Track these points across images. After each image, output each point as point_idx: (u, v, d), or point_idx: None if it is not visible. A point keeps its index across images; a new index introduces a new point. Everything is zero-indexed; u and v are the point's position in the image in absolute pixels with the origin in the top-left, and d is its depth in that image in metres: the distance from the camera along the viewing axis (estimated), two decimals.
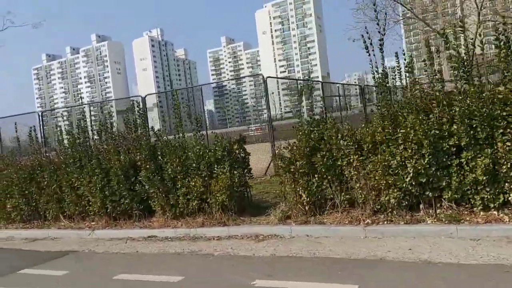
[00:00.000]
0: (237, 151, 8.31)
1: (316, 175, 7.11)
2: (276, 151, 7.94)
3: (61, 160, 10.06)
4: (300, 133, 7.42)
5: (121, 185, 8.85)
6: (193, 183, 8.08)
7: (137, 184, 8.80)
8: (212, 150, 8.18)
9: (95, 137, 10.12)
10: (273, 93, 16.91)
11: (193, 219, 8.14)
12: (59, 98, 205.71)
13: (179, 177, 8.30)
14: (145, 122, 9.90)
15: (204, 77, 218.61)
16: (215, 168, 8.06)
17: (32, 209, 10.41)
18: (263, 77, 13.85)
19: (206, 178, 8.03)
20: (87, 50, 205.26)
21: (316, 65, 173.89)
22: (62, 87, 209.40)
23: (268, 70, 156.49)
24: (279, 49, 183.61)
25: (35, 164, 10.52)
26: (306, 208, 7.18)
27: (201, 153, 8.21)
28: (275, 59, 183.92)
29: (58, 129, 10.61)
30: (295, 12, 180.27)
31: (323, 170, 7.04)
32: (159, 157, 8.64)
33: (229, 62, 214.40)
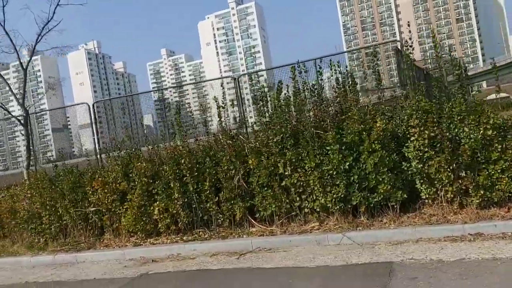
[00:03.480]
0: None
1: None
2: None
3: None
4: None
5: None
6: None
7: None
8: None
9: None
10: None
11: None
12: None
13: None
14: None
15: (145, 90, 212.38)
16: None
17: (192, 214, 7.58)
18: (234, 78, 11.77)
19: None
20: (17, 65, 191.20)
21: (262, 75, 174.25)
22: None
23: (213, 81, 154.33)
24: (225, 60, 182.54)
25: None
26: None
27: None
28: (220, 70, 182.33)
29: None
30: (238, 24, 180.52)
31: None
32: None
33: (171, 74, 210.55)
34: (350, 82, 7.20)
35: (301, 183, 6.64)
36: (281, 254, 6.10)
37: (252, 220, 7.19)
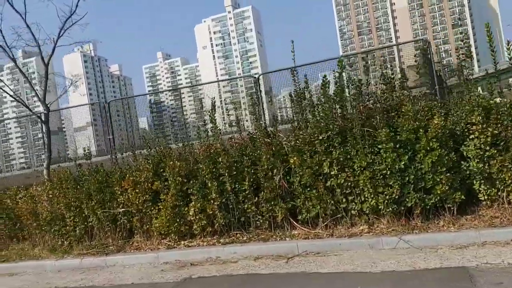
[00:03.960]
0: None
1: None
2: None
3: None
4: None
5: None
6: None
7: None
8: None
9: None
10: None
11: None
12: None
13: None
14: None
15: (141, 93, 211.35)
16: None
17: (229, 215, 7.25)
18: (255, 77, 11.46)
19: None
20: (12, 67, 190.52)
21: (259, 79, 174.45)
22: None
23: (209, 84, 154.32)
24: (221, 64, 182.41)
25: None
26: None
27: None
28: (217, 73, 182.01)
29: None
30: (235, 27, 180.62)
31: None
32: None
33: (166, 78, 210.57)
34: (399, 78, 6.93)
35: (349, 184, 6.34)
36: (333, 258, 5.79)
37: (294, 222, 6.87)
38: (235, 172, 7.02)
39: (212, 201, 7.14)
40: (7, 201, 9.06)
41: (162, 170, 7.80)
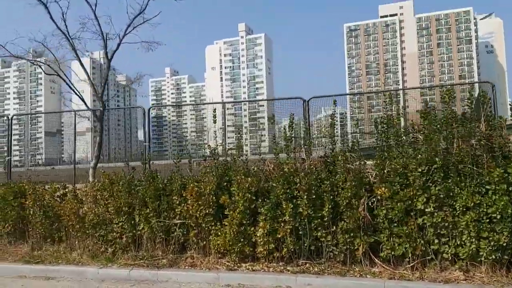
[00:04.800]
0: None
1: None
2: None
3: None
4: None
5: None
6: None
7: None
8: None
9: None
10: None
11: None
12: None
13: None
14: None
15: (143, 105, 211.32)
16: None
17: (300, 242, 6.71)
18: (304, 100, 11.10)
19: None
20: (20, 64, 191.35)
21: (262, 105, 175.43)
22: None
23: (214, 105, 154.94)
24: (227, 86, 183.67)
25: None
26: None
27: None
28: (222, 95, 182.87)
29: None
30: (246, 52, 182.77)
31: None
32: None
33: (172, 93, 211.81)
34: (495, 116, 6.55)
35: (446, 224, 5.84)
36: None
37: (375, 259, 6.33)
38: (314, 196, 6.51)
39: (283, 224, 6.61)
40: (46, 197, 8.46)
41: (225, 183, 7.30)
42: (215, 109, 9.72)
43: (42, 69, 9.22)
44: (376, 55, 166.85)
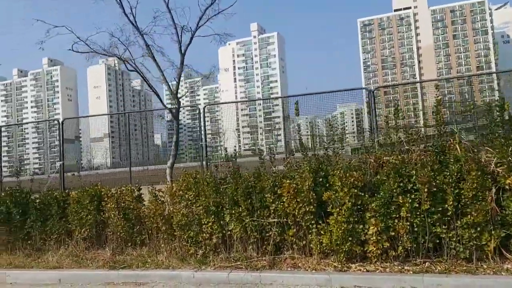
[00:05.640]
0: None
1: None
2: None
3: None
4: None
5: None
6: None
7: None
8: None
9: None
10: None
11: None
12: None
13: None
14: None
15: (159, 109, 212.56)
16: None
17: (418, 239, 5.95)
18: (370, 91, 10.76)
19: None
20: (36, 73, 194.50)
21: (277, 105, 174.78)
22: (5, 111, 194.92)
23: (228, 106, 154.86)
24: (241, 87, 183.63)
25: None
26: None
27: None
28: (236, 96, 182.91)
29: None
30: (259, 52, 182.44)
31: None
32: None
33: (186, 96, 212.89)
34: None
35: None
36: None
37: (507, 254, 5.79)
38: (435, 189, 6.00)
39: (397, 221, 6.12)
40: (126, 199, 8.10)
41: (321, 179, 6.84)
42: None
43: (126, 66, 8.86)
44: (392, 49, 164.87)
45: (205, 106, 12.89)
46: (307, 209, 6.59)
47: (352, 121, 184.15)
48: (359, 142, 12.81)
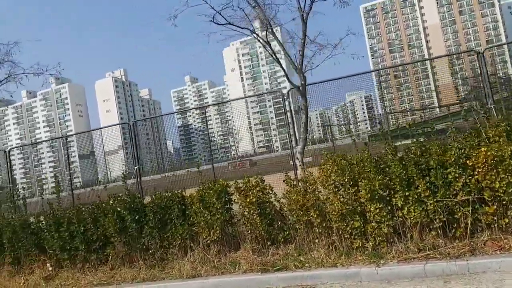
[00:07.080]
0: None
1: None
2: None
3: None
4: None
5: None
6: None
7: None
8: None
9: None
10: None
11: None
12: (14, 144, 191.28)
13: None
14: None
15: (169, 116, 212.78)
16: None
17: None
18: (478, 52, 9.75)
19: None
20: (45, 93, 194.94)
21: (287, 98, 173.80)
22: (18, 133, 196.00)
23: (238, 105, 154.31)
24: (249, 85, 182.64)
25: None
26: None
27: None
28: (245, 94, 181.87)
29: None
30: (264, 49, 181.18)
31: None
32: None
33: (194, 100, 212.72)
34: None
35: None
36: None
37: None
38: None
39: None
40: (260, 194, 7.04)
41: None
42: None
43: (260, 41, 8.07)
44: (397, 32, 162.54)
45: (288, 90, 11.91)
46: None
47: (363, 108, 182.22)
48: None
